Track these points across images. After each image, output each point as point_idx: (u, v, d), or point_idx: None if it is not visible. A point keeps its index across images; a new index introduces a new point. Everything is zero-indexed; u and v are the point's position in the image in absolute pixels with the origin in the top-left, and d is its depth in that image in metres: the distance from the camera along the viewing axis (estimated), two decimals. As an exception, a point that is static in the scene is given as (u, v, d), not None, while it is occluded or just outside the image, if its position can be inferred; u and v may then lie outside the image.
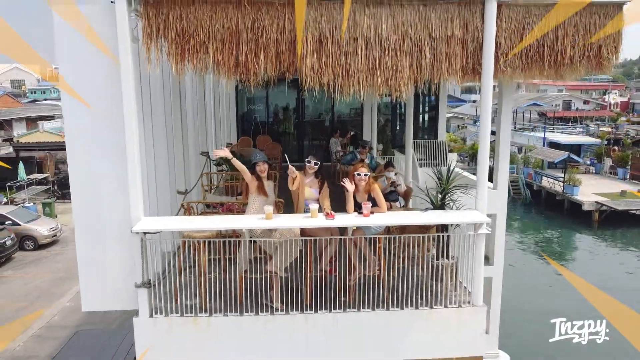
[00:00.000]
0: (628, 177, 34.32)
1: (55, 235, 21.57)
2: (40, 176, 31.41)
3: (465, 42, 4.71)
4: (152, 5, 4.52)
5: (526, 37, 4.72)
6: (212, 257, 5.38)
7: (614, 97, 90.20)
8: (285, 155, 5.89)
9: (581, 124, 77.04)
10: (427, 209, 5.79)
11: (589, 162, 38.33)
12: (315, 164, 5.35)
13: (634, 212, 28.77)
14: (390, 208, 6.39)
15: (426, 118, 16.15)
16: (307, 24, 4.54)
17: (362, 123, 14.85)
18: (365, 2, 4.58)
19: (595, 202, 28.75)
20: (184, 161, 7.40)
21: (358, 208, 5.17)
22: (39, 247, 20.80)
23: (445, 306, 5.23)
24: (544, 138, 39.44)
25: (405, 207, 7.42)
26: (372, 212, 5.07)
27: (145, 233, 4.79)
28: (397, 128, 16.74)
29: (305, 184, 5.28)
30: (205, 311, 5.05)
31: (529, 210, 33.75)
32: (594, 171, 37.83)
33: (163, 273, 5.33)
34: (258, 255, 5.61)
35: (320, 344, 5.10)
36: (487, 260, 11.55)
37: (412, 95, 6.86)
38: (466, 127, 58.41)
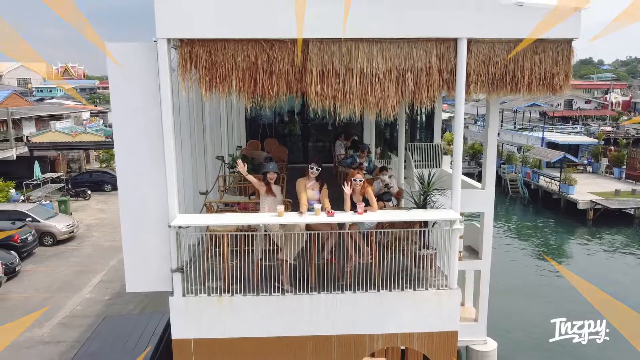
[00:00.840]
0: (623, 176, 35.20)
1: (72, 232, 22.73)
2: (54, 175, 32.60)
3: (441, 72, 5.76)
4: (186, 43, 5.59)
5: (491, 67, 5.76)
6: (232, 248, 6.45)
7: (615, 97, 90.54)
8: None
9: (583, 123, 77.60)
10: (411, 208, 6.85)
11: (586, 162, 39.22)
12: (317, 169, 6.42)
13: (627, 210, 29.73)
14: (383, 207, 7.46)
15: (423, 123, 17.16)
16: (311, 57, 5.60)
17: (363, 127, 15.88)
18: (359, 40, 5.63)
19: (590, 200, 29.69)
20: (204, 165, 8.47)
21: (354, 207, 6.23)
22: (57, 242, 21.95)
23: (426, 289, 6.29)
24: (542, 138, 40.32)
25: (397, 206, 8.46)
26: (365, 211, 6.14)
27: (179, 227, 5.87)
28: (395, 132, 17.76)
29: (308, 187, 6.33)
30: (228, 292, 6.13)
31: (526, 208, 34.68)
32: (591, 170, 38.76)
33: (191, 260, 6.41)
34: (270, 247, 6.68)
35: (322, 319, 6.17)
36: (477, 254, 12.63)
37: (404, 108, 7.88)
38: (467, 126, 59.15)
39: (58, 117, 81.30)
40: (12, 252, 18.68)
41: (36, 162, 30.27)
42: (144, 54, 5.68)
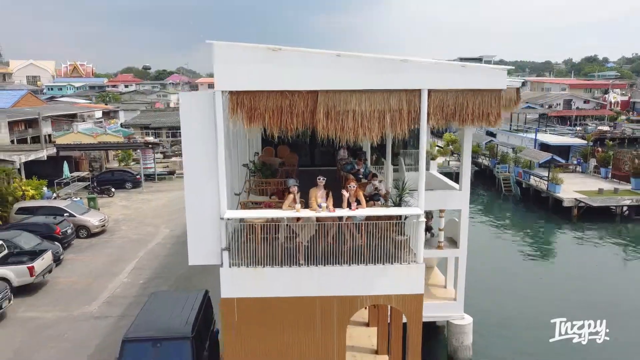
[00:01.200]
0: (609, 176, 37.57)
1: (104, 226, 25.44)
2: (81, 174, 35.34)
3: (410, 112, 8.32)
4: (234, 93, 8.18)
5: (444, 108, 8.32)
6: (264, 235, 9.04)
7: (614, 96, 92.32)
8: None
9: (580, 123, 79.43)
10: (390, 206, 9.41)
11: (576, 162, 41.58)
12: (323, 179, 8.98)
13: (609, 208, 32.15)
14: (373, 205, 10.02)
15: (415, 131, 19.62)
16: (319, 102, 8.18)
17: (362, 138, 18.41)
18: (353, 91, 8.20)
19: (575, 199, 32.12)
20: (238, 173, 11.07)
21: (348, 206, 8.80)
22: (91, 235, 24.65)
23: (400, 263, 8.85)
24: (535, 139, 42.67)
25: (385, 204, 11.02)
26: (357, 208, 8.71)
27: (228, 219, 8.47)
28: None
29: (318, 196, 8.85)
30: (261, 265, 8.73)
31: (518, 205, 37.12)
32: (580, 170, 41.13)
33: (234, 242, 9.01)
34: (290, 234, 9.26)
35: (326, 285, 8.76)
36: (455, 244, 15.18)
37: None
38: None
39: (72, 117, 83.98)
40: (56, 243, 21.41)
41: (65, 162, 32.96)
42: (206, 99, 8.26)
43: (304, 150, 19.33)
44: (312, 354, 8.89)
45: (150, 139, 50.97)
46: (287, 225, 9.01)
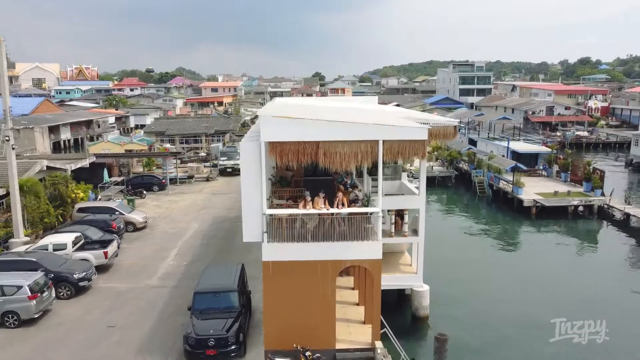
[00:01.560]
0: (568, 180, 43.74)
1: (146, 222, 31.56)
2: (117, 179, 41.43)
3: (372, 153, 14.48)
4: (271, 143, 14.36)
5: (392, 153, 14.52)
6: (286, 224, 15.19)
7: (595, 102, 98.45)
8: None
9: (563, 129, 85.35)
10: (360, 206, 15.59)
11: (542, 168, 47.76)
12: (324, 193, 15.12)
13: (563, 207, 38.31)
14: (353, 206, 16.18)
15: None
16: (320, 148, 14.35)
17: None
18: (339, 141, 14.36)
19: (533, 200, 38.30)
20: (269, 184, 17.23)
21: (337, 206, 14.97)
22: (136, 230, 30.74)
23: (368, 240, 15.00)
24: (508, 147, 48.82)
25: (361, 206, 17.15)
26: (342, 208, 14.88)
27: (269, 215, 14.66)
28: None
29: (320, 201, 14.95)
30: (285, 241, 14.90)
31: (490, 205, 43.26)
32: (546, 175, 47.30)
33: (269, 227, 15.17)
34: (302, 223, 15.36)
35: (324, 253, 14.92)
36: (416, 233, 21.32)
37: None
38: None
39: (89, 123, 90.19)
40: (114, 234, 27.52)
41: (105, 169, 39.02)
42: (256, 145, 14.40)
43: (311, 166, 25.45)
44: (314, 293, 15.05)
45: (168, 145, 57.08)
46: (300, 217, 15.16)
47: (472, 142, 57.62)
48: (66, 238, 24.01)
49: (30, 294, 18.40)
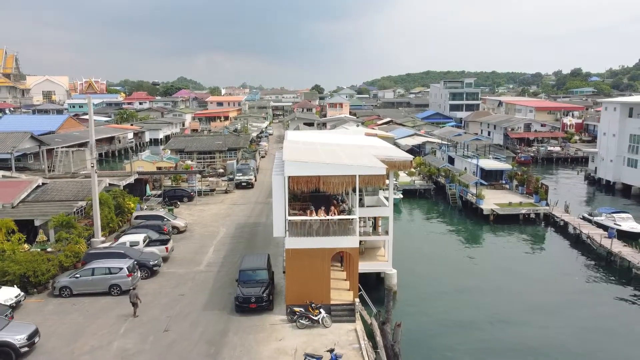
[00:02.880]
0: (525, 192, 53.17)
1: (186, 227, 40.87)
2: (157, 192, 50.78)
3: (352, 182, 23.98)
4: (290, 177, 23.88)
5: (365, 181, 24.09)
6: (299, 225, 24.64)
7: (570, 120, 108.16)
8: None
9: (539, 144, 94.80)
10: (346, 214, 25.01)
11: (504, 182, 57.26)
12: (324, 208, 24.56)
13: (513, 214, 47.69)
14: (341, 214, 25.64)
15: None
16: (320, 179, 23.87)
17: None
18: (332, 175, 23.86)
19: (491, 209, 47.73)
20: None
21: (331, 215, 24.42)
22: (179, 232, 40.03)
23: (349, 235, 24.38)
24: (477, 165, 58.29)
25: (347, 214, 26.57)
26: (334, 215, 24.33)
27: (290, 220, 24.14)
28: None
29: (321, 213, 24.32)
30: (299, 236, 24.33)
31: (460, 214, 52.63)
32: (508, 188, 56.76)
33: (290, 226, 24.62)
34: (309, 225, 24.73)
35: (323, 243, 24.33)
36: (387, 233, 30.79)
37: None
38: (434, 151, 76.84)
39: (111, 139, 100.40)
40: (166, 235, 36.82)
41: (147, 183, 48.35)
42: (281, 178, 23.85)
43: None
44: (317, 269, 24.39)
45: (189, 162, 66.53)
46: (308, 222, 24.55)
47: (451, 160, 67.07)
48: (138, 237, 33.37)
49: (128, 273, 27.76)
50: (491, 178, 57.76)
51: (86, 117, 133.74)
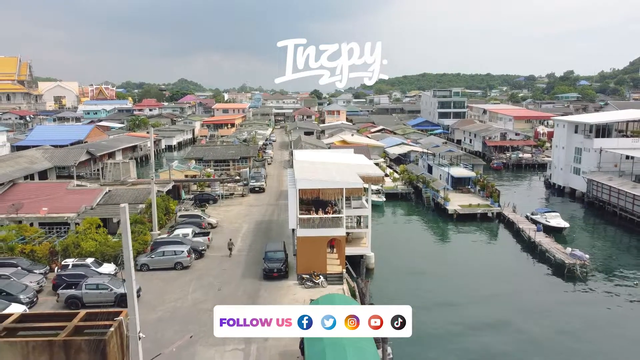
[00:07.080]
0: (485, 195, 65.83)
1: (217, 223, 53.38)
2: (189, 196, 63.31)
3: (341, 193, 36.70)
4: (301, 189, 36.60)
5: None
6: (307, 221, 37.34)
7: (542, 128, 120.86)
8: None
9: (514, 152, 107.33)
10: (337, 214, 37.67)
11: (470, 186, 69.96)
12: (321, 208, 37.19)
13: (471, 213, 60.31)
14: (334, 213, 38.33)
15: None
16: (319, 190, 36.61)
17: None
18: (328, 188, 36.55)
19: (454, 209, 60.39)
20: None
21: (329, 213, 37.10)
22: (212, 228, 52.47)
23: (339, 227, 37.02)
24: (448, 173, 70.92)
25: (338, 213, 39.19)
26: (330, 214, 37.01)
27: (299, 217, 36.87)
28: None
29: (321, 212, 36.90)
30: (306, 227, 37.01)
31: (432, 213, 65.23)
32: (473, 192, 69.39)
33: (300, 222, 37.30)
34: (312, 220, 37.32)
35: (322, 232, 37.03)
36: (367, 226, 43.60)
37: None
38: (417, 160, 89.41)
39: (134, 147, 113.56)
40: (205, 229, 49.31)
41: (182, 189, 60.81)
42: (295, 190, 36.48)
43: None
44: (318, 250, 36.96)
45: (210, 170, 79.12)
46: (312, 219, 37.16)
47: (430, 168, 79.75)
48: (188, 230, 45.99)
49: (187, 254, 40.39)
50: (460, 184, 70.35)
51: (101, 124, 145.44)
